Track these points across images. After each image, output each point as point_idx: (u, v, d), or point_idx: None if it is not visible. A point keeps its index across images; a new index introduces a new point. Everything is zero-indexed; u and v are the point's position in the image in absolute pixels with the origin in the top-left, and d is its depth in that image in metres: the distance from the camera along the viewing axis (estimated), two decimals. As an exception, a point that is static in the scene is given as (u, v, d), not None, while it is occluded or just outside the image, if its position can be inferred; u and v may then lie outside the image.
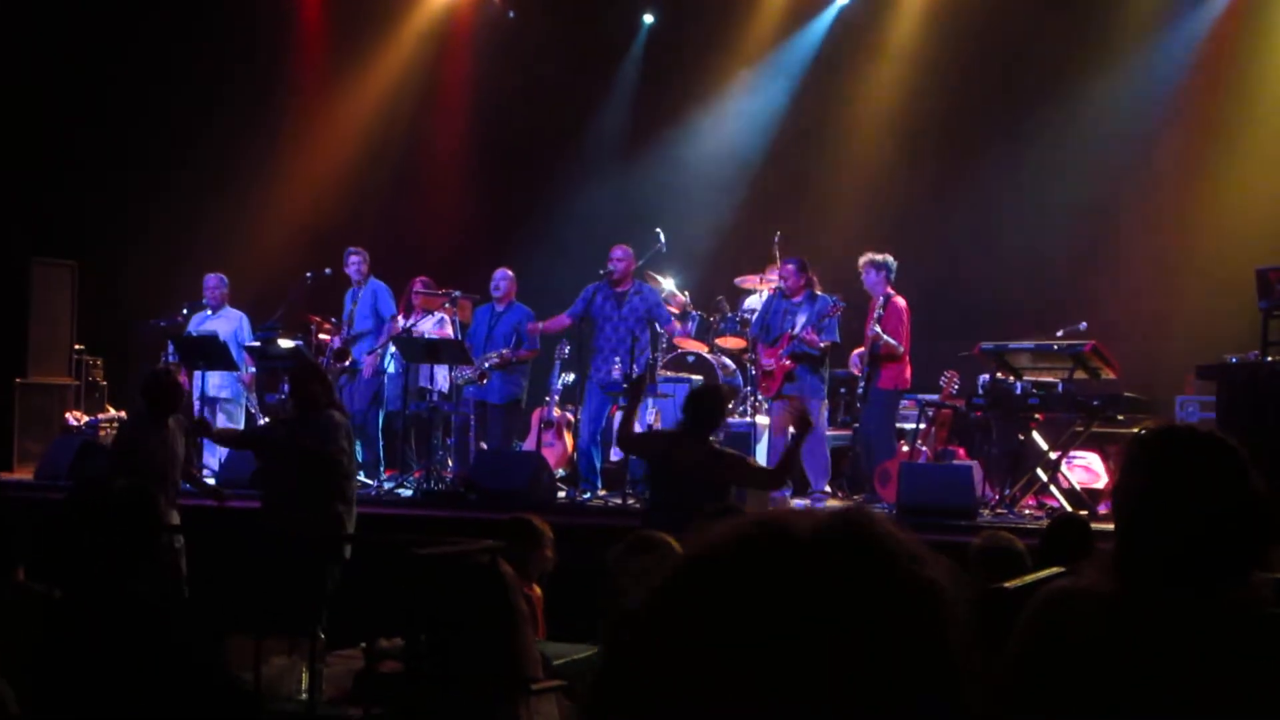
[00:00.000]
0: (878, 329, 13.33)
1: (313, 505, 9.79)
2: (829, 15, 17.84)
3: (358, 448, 13.87)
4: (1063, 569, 5.06)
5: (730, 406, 14.91)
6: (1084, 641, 3.14)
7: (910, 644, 1.32)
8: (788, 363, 13.21)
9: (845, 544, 1.36)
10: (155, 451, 10.67)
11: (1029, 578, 5.15)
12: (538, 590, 7.80)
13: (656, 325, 14.17)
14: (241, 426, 15.01)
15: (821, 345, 13.15)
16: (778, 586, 1.32)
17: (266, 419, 14.50)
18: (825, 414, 13.61)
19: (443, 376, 14.88)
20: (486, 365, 14.34)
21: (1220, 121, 15.95)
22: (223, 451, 14.60)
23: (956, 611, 1.37)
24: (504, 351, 14.35)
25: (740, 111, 18.06)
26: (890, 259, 13.58)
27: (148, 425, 10.86)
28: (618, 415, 13.59)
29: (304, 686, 7.94)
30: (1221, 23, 16.21)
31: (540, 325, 14.34)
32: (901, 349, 13.37)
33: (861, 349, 13.63)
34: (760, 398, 14.10)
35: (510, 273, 14.84)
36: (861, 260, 13.64)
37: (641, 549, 5.43)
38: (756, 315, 14.12)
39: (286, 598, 8.31)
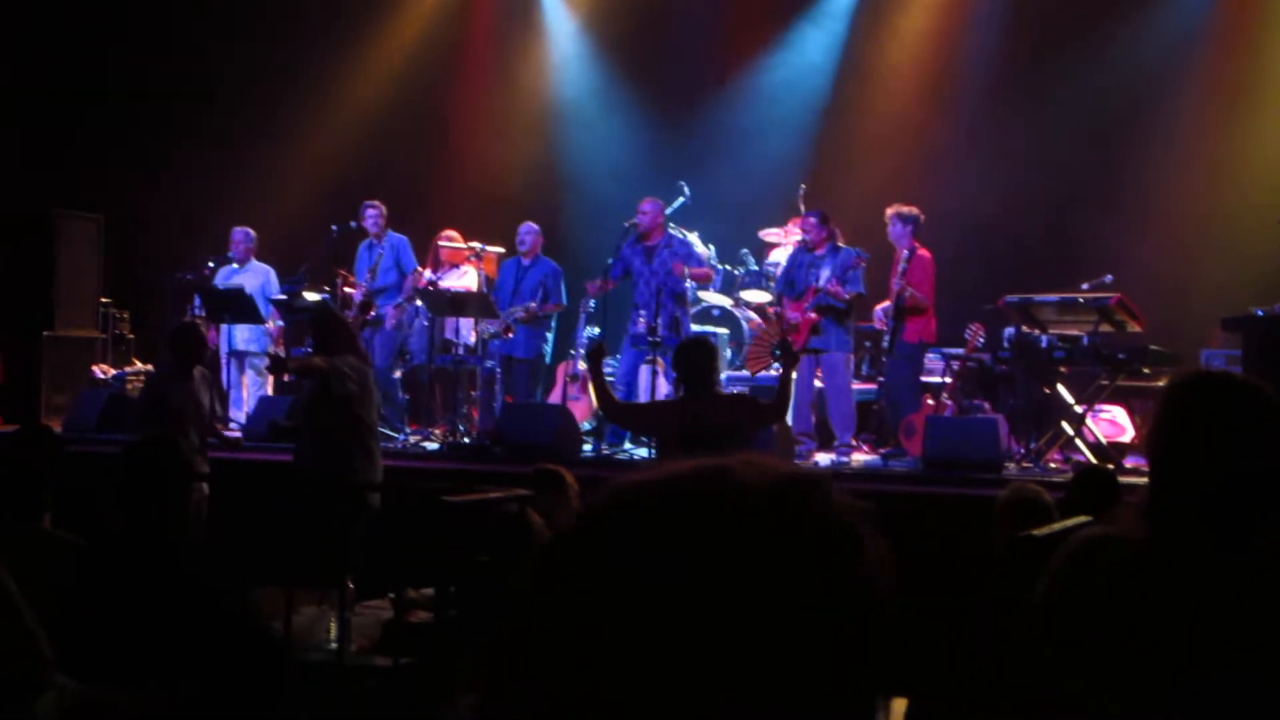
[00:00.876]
0: (903, 282, 13.31)
1: (330, 452, 9.84)
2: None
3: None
4: (1088, 518, 5.08)
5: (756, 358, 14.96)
6: (1115, 589, 3.14)
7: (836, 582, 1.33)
8: (813, 316, 13.19)
9: (709, 490, 1.34)
10: (183, 404, 10.80)
11: (1056, 526, 5.17)
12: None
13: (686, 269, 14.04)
14: (270, 379, 15.05)
15: (846, 297, 13.13)
16: (700, 535, 1.30)
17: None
18: (851, 367, 13.58)
19: (468, 330, 14.90)
20: (512, 320, 14.36)
21: (1243, 75, 15.87)
22: (250, 404, 14.68)
23: (880, 566, 1.37)
24: (531, 305, 14.36)
25: (766, 64, 17.98)
26: (917, 211, 13.56)
27: (173, 377, 11.02)
28: (644, 370, 13.62)
29: (333, 636, 7.97)
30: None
31: (599, 285, 14.21)
32: (926, 302, 13.36)
33: (886, 303, 13.60)
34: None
35: (536, 226, 14.83)
36: (888, 212, 13.61)
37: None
38: (781, 270, 14.11)
39: (311, 548, 8.34)
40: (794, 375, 9.71)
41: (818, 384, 13.52)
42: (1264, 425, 3.14)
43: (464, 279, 15.22)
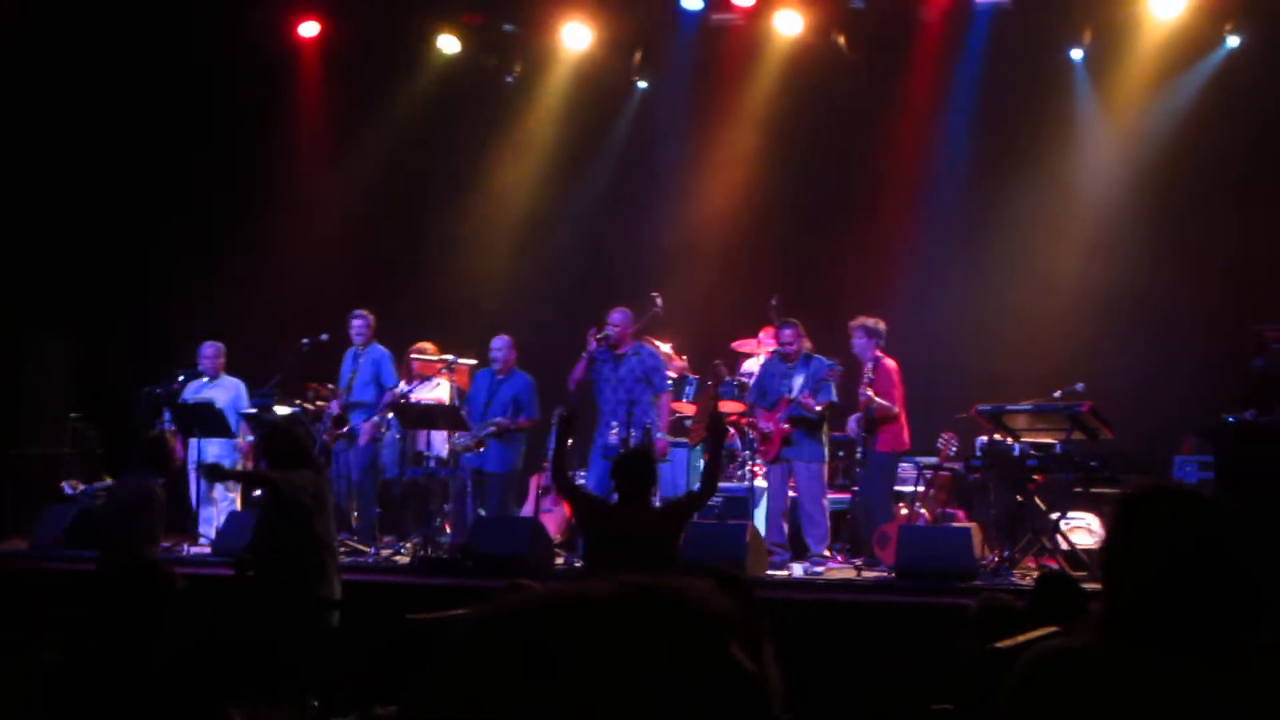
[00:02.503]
0: (869, 393, 13.34)
1: (286, 569, 9.75)
2: (820, 77, 17.86)
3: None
4: (1055, 628, 5.04)
5: (730, 470, 14.93)
6: (1071, 703, 3.11)
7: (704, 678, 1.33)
8: (786, 426, 13.19)
9: (630, 599, 1.36)
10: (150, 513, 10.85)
11: (1022, 637, 5.13)
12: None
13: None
14: (239, 493, 14.98)
15: (817, 409, 13.14)
16: (561, 649, 1.35)
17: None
18: (824, 477, 13.54)
19: (440, 442, 14.85)
20: (484, 433, 14.31)
21: (1204, 185, 15.99)
22: (220, 520, 14.58)
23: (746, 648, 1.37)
24: (502, 420, 14.31)
25: (737, 173, 18.07)
26: (880, 324, 13.61)
27: (140, 486, 11.09)
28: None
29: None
30: (1203, 89, 16.28)
31: (580, 372, 14.08)
32: (895, 410, 13.39)
33: (857, 414, 13.62)
34: (759, 461, 14.07)
35: (509, 339, 14.79)
36: (852, 324, 13.67)
37: None
38: (754, 380, 14.11)
39: (271, 665, 8.27)
40: (721, 453, 9.67)
41: (791, 494, 13.49)
42: (1216, 538, 3.12)
43: (435, 391, 15.19)
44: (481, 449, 14.36)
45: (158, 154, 17.84)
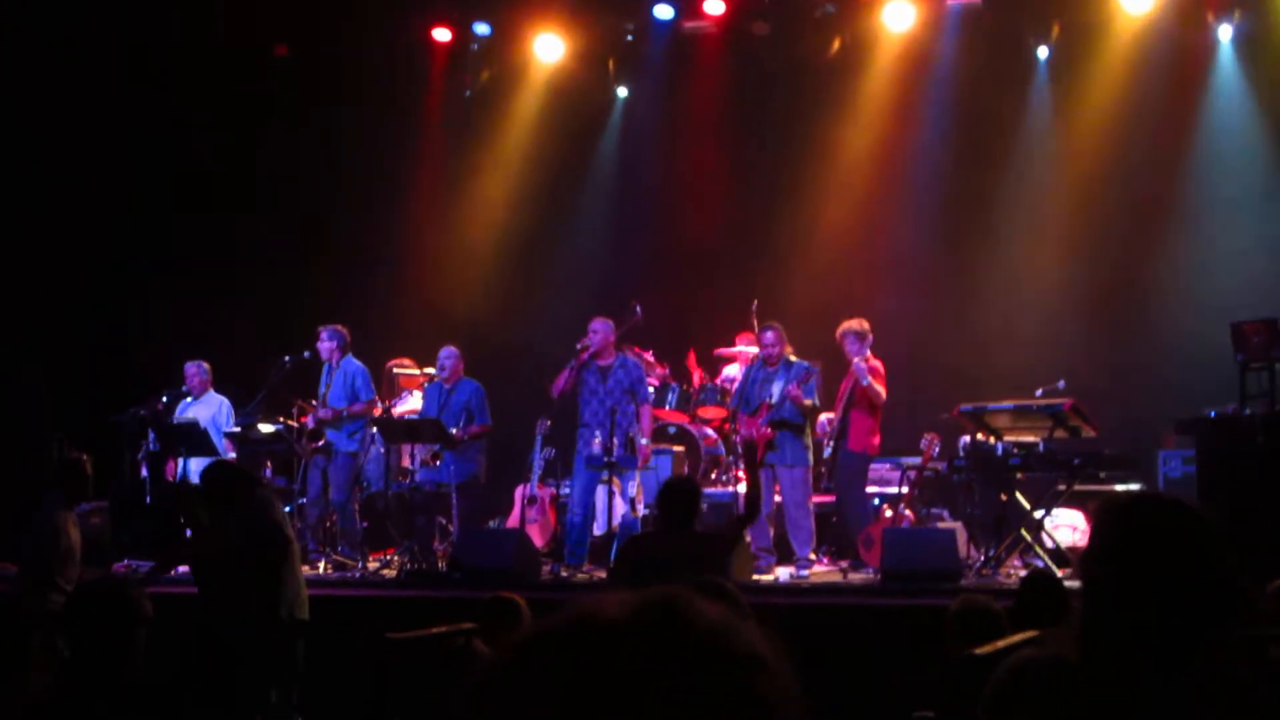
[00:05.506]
0: (867, 378, 13.30)
1: (254, 601, 9.69)
2: (796, 81, 17.88)
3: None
4: (1035, 633, 5.06)
5: (714, 476, 14.94)
6: (1048, 713, 3.11)
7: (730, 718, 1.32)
8: (768, 431, 13.20)
9: (652, 627, 1.35)
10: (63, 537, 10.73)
11: (1000, 644, 5.14)
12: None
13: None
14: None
15: (807, 402, 13.12)
16: (584, 678, 1.32)
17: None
18: (809, 480, 13.52)
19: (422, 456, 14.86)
20: (438, 446, 14.31)
21: (1182, 180, 16.05)
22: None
23: (779, 681, 1.37)
24: (453, 431, 14.29)
25: (712, 183, 18.09)
26: (865, 324, 13.61)
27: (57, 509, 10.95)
28: (601, 490, 13.59)
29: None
30: (1179, 83, 16.33)
31: (563, 381, 14.06)
32: (884, 396, 13.41)
33: (830, 414, 13.66)
34: (742, 466, 14.08)
35: (456, 350, 14.78)
36: (840, 330, 13.66)
37: None
38: (736, 386, 14.11)
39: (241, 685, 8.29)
40: (757, 475, 9.67)
41: (777, 498, 13.49)
42: (1196, 548, 3.11)
43: (417, 404, 15.21)
44: (438, 462, 14.37)
45: (128, 173, 17.81)
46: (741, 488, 14.01)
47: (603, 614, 1.38)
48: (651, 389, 14.57)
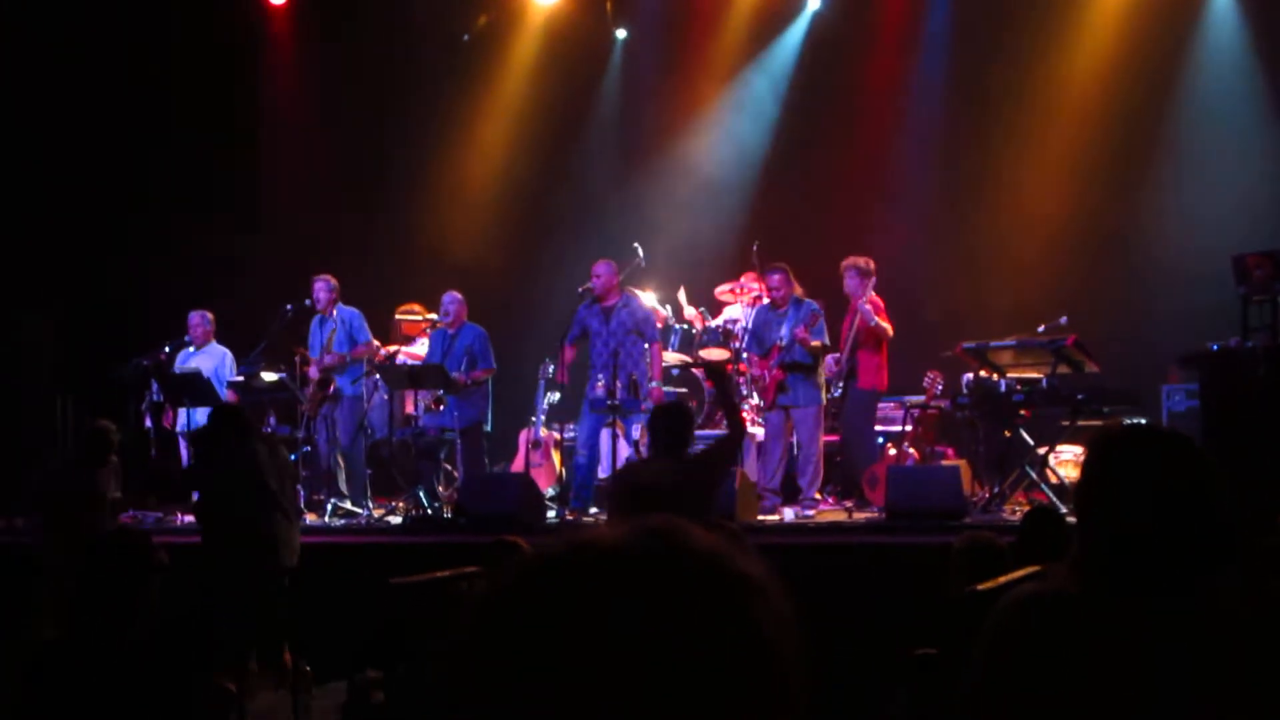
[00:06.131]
0: (874, 318, 13.30)
1: (234, 548, 9.79)
2: (801, 24, 17.80)
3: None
4: (1038, 568, 5.06)
5: (718, 418, 14.92)
6: (1047, 647, 3.11)
7: (725, 643, 1.32)
8: (779, 373, 13.18)
9: (648, 553, 1.35)
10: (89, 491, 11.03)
11: (1002, 579, 5.15)
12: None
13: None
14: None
15: (814, 343, 13.09)
16: (581, 604, 1.33)
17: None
18: (821, 421, 13.48)
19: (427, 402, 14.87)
20: (441, 391, 14.30)
21: (1184, 114, 15.98)
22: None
23: (774, 605, 1.37)
24: (456, 375, 14.29)
25: (713, 122, 18.05)
26: (871, 263, 13.59)
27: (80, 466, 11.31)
28: (605, 434, 13.58)
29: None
30: (1176, 13, 16.27)
31: (563, 364, 14.13)
32: (890, 332, 13.42)
33: (838, 353, 13.64)
34: (746, 409, 14.09)
35: (459, 295, 14.76)
36: (844, 264, 13.64)
37: None
38: (750, 328, 14.04)
39: (241, 632, 8.36)
40: (730, 390, 9.61)
41: (790, 440, 13.48)
42: (1189, 477, 3.11)
43: (424, 350, 15.20)
44: (441, 408, 14.38)
45: (135, 131, 17.76)
46: (750, 430, 14.03)
47: (599, 541, 1.39)
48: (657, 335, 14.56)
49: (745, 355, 14.06)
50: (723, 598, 1.35)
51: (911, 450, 13.56)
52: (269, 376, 14.84)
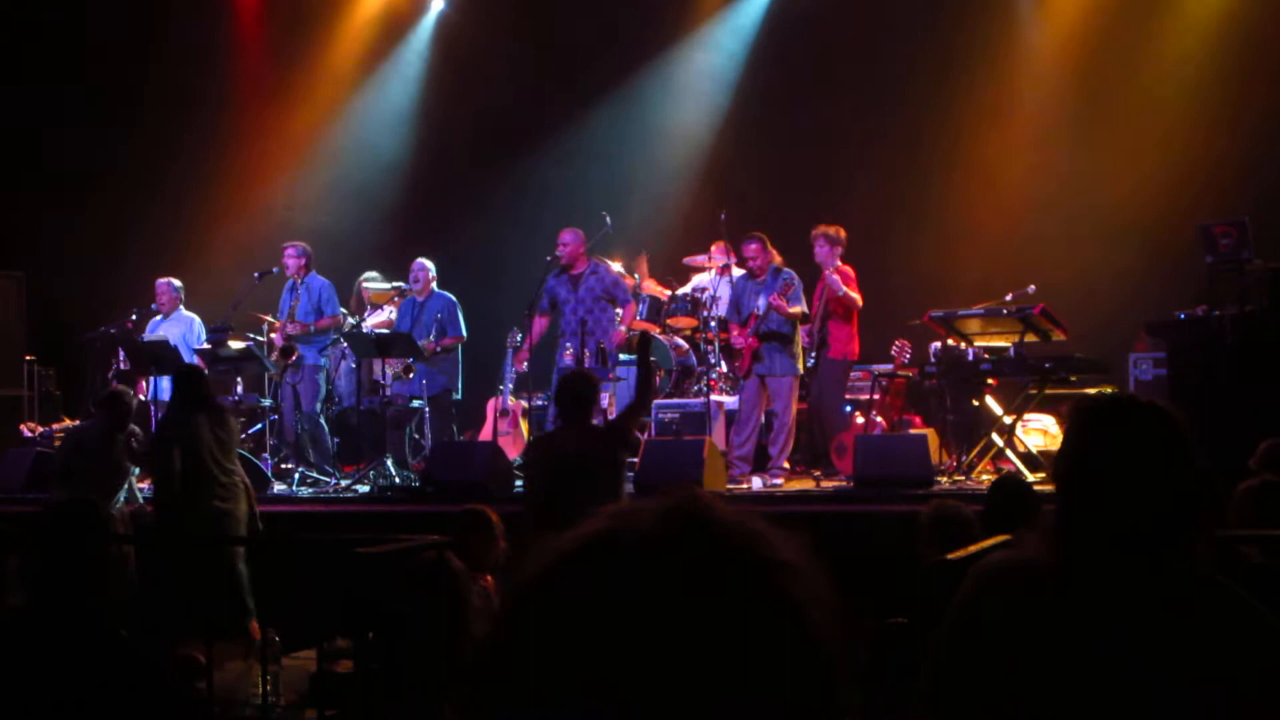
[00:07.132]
0: (842, 288, 13.30)
1: (195, 503, 9.82)
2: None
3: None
4: (1007, 537, 5.07)
5: (687, 386, 14.92)
6: (1018, 616, 3.11)
7: (764, 627, 1.30)
8: (754, 342, 13.16)
9: (681, 537, 1.33)
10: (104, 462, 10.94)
11: (973, 548, 5.15)
12: (490, 580, 7.74)
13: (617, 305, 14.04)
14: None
15: (790, 310, 13.04)
16: (616, 593, 1.30)
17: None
18: (795, 390, 13.46)
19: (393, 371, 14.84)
20: (410, 359, 14.28)
21: (1151, 83, 16.00)
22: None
23: (811, 585, 1.35)
24: (425, 343, 14.26)
25: (679, 88, 18.02)
26: (841, 232, 13.57)
27: (100, 436, 11.23)
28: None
29: (260, 690, 7.88)
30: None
31: (529, 339, 14.16)
32: (859, 302, 13.41)
33: (808, 325, 13.63)
34: (715, 377, 14.10)
35: (428, 263, 14.76)
36: (814, 232, 13.62)
37: None
38: (729, 297, 14.00)
39: (210, 599, 8.38)
40: (648, 362, 9.57)
41: (764, 409, 13.48)
42: (1168, 448, 3.11)
43: (388, 318, 15.16)
44: (410, 376, 14.36)
45: (105, 95, 17.66)
46: (720, 398, 14.04)
47: (630, 527, 1.35)
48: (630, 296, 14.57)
49: (713, 324, 14.04)
50: (762, 581, 1.33)
51: (879, 418, 13.58)
52: (236, 345, 14.79)
